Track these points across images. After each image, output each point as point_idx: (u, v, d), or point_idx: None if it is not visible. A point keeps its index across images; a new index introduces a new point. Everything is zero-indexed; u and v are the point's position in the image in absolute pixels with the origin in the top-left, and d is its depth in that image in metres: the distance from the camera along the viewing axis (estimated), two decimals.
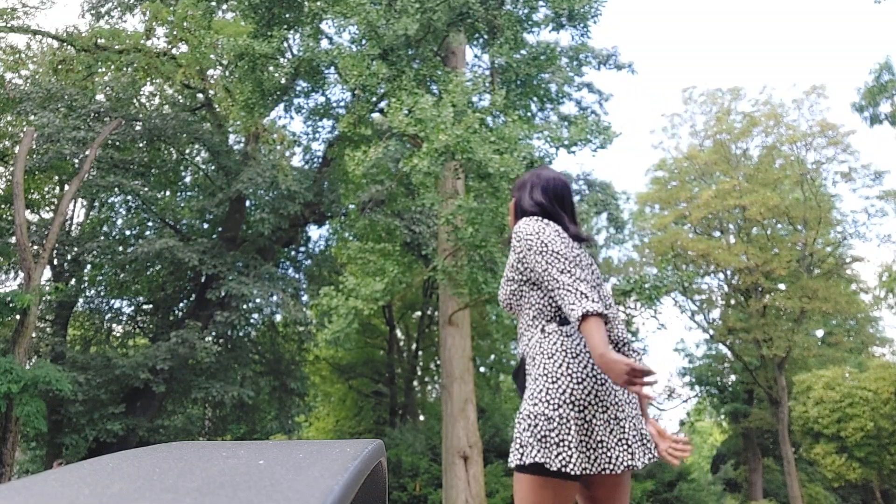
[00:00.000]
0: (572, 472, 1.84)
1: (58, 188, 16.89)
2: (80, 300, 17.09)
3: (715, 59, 70.80)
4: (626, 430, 1.93)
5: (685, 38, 77.56)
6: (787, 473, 19.42)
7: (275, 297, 15.45)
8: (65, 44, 15.47)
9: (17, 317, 12.26)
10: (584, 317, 1.87)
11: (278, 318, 18.05)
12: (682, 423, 27.48)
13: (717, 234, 22.42)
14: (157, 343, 14.74)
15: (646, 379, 1.76)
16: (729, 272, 21.56)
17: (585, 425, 1.92)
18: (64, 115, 14.79)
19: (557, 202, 2.25)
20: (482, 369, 24.90)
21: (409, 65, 12.27)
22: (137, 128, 15.90)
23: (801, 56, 71.61)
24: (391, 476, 15.52)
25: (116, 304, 18.09)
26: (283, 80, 14.10)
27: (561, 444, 1.87)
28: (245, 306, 15.70)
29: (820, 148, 20.99)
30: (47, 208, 16.91)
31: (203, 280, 16.31)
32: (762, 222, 20.60)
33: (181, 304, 18.13)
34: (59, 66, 15.23)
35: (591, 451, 1.91)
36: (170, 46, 14.83)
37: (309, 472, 0.73)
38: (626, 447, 1.91)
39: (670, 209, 21.84)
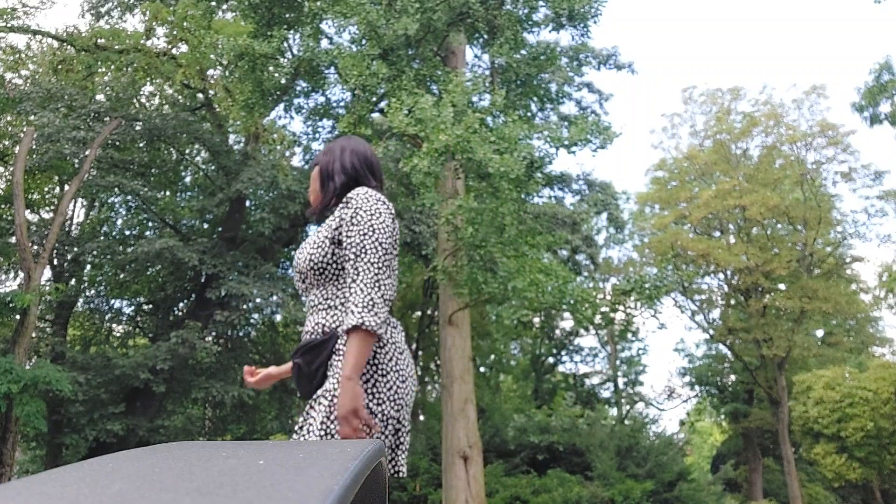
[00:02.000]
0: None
1: (58, 188, 16.89)
2: (80, 300, 17.09)
3: (715, 59, 70.81)
4: (407, 435, 1.92)
5: (685, 39, 77.59)
6: (787, 473, 19.43)
7: (275, 297, 15.44)
8: (65, 44, 15.47)
9: (17, 317, 12.27)
10: (358, 328, 1.78)
11: (278, 317, 18.06)
12: (682, 423, 27.51)
13: (717, 234, 22.42)
14: (157, 343, 14.74)
15: (363, 431, 1.73)
16: (729, 272, 21.56)
17: (397, 426, 1.86)
18: (64, 115, 14.79)
19: (368, 168, 2.17)
20: (482, 369, 24.92)
21: (409, 65, 12.28)
22: (137, 128, 15.90)
23: (801, 56, 71.62)
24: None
25: (116, 304, 18.10)
26: (283, 80, 14.10)
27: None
28: (245, 306, 15.70)
29: (820, 148, 21.00)
30: (47, 208, 16.91)
31: (203, 280, 16.32)
32: (762, 222, 20.60)
33: (181, 304, 18.13)
34: (59, 66, 15.23)
35: (395, 452, 1.88)
36: (170, 46, 14.83)
37: (309, 472, 0.73)
38: (403, 453, 1.90)
39: (670, 209, 21.84)
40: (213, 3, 15.37)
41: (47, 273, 15.39)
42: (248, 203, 16.99)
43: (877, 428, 16.79)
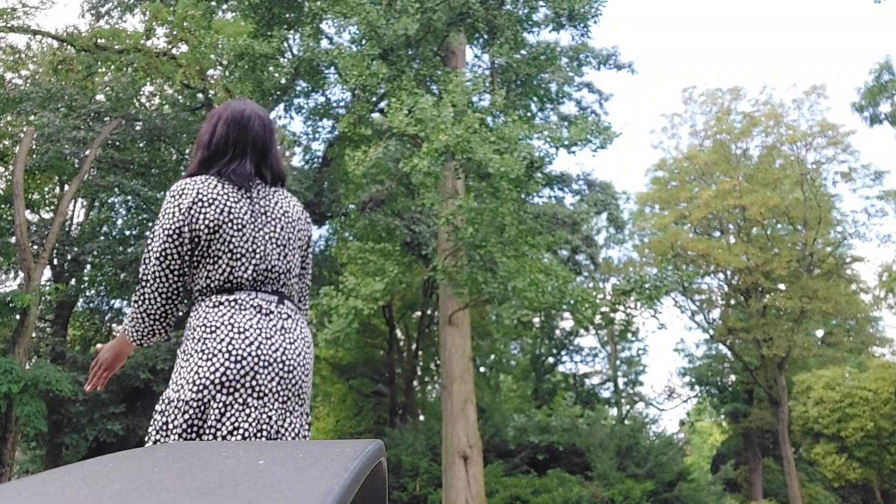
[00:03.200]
0: None
1: (58, 188, 16.89)
2: (80, 300, 17.09)
3: (715, 59, 70.83)
4: (250, 421, 1.74)
5: (685, 39, 77.59)
6: (787, 473, 19.43)
7: None
8: (65, 44, 15.46)
9: (17, 317, 12.26)
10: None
11: None
12: (682, 423, 27.50)
13: (717, 234, 22.42)
14: (157, 343, 14.75)
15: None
16: (729, 272, 21.55)
17: (204, 405, 1.73)
18: (64, 115, 14.79)
19: (234, 141, 1.97)
20: (482, 369, 24.93)
21: (409, 65, 12.28)
22: (137, 128, 15.90)
23: (801, 56, 71.62)
24: (391, 476, 15.51)
25: (116, 304, 18.10)
26: (283, 80, 14.10)
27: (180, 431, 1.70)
28: None
29: (820, 148, 20.99)
30: (47, 208, 16.91)
31: None
32: (762, 222, 20.59)
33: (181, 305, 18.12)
34: (59, 66, 15.22)
35: (203, 430, 1.73)
36: (170, 46, 14.83)
37: (309, 472, 0.73)
38: (222, 430, 1.73)
39: (670, 209, 21.83)
40: (213, 3, 15.37)
41: (47, 273, 15.39)
42: None
43: (877, 428, 16.79)
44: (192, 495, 0.61)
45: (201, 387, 1.73)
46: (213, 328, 1.81)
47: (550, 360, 26.17)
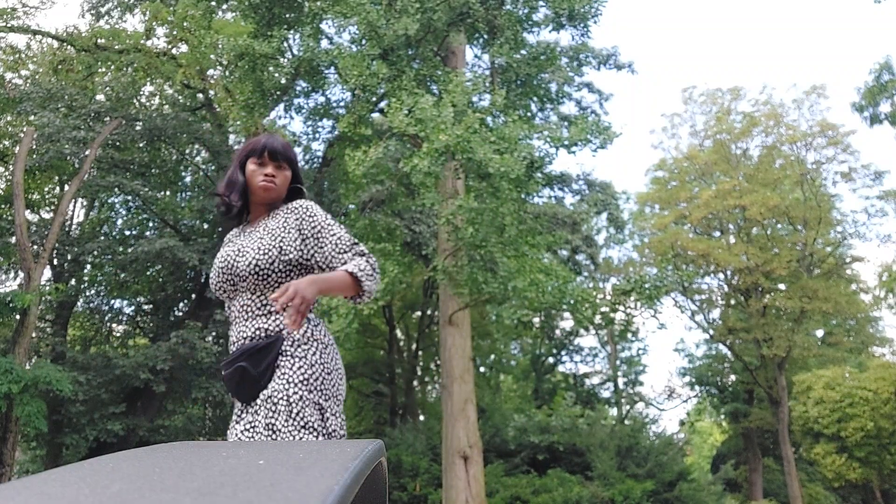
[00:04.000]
0: None
1: (58, 188, 16.89)
2: (80, 300, 17.08)
3: (715, 59, 70.82)
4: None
5: (685, 39, 77.58)
6: (787, 473, 19.42)
7: None
8: (65, 44, 15.46)
9: (17, 317, 12.26)
10: (353, 274, 1.98)
11: None
12: (682, 423, 27.51)
13: (717, 234, 22.42)
14: (157, 343, 14.73)
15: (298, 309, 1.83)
16: (729, 272, 21.55)
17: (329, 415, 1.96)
18: (64, 115, 14.78)
19: None
20: (482, 369, 24.93)
21: (409, 65, 12.27)
22: (137, 128, 15.89)
23: (801, 56, 71.62)
24: (391, 476, 15.51)
25: (116, 304, 18.09)
26: (283, 80, 14.09)
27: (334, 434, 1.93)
28: None
29: (820, 148, 20.99)
30: (47, 208, 16.90)
31: (203, 280, 16.31)
32: (762, 222, 20.59)
33: (181, 304, 18.13)
34: (59, 66, 15.22)
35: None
36: (170, 46, 14.83)
37: (309, 472, 0.73)
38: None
39: (670, 209, 21.83)
40: (213, 3, 15.37)
41: (47, 273, 15.39)
42: None
43: (877, 428, 16.79)
44: (192, 495, 0.61)
45: (339, 401, 2.01)
46: (335, 348, 2.10)
47: (550, 360, 26.18)
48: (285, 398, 1.88)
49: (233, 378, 1.98)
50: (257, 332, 2.00)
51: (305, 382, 1.91)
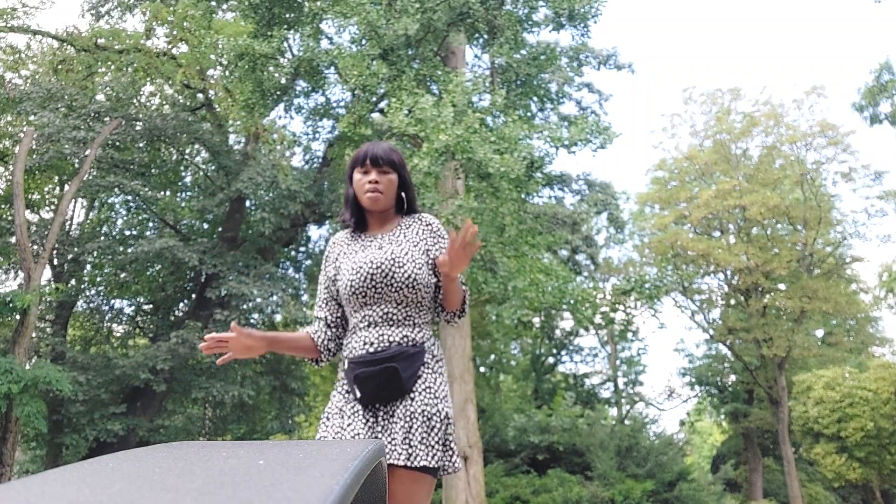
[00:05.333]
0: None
1: (58, 188, 16.89)
2: (80, 300, 17.08)
3: (715, 60, 70.84)
4: None
5: (685, 39, 77.58)
6: (787, 473, 19.42)
7: (275, 297, 15.44)
8: (65, 44, 15.47)
9: (17, 317, 12.26)
10: (465, 294, 2.13)
11: (278, 317, 18.03)
12: (682, 423, 27.51)
13: (717, 234, 22.41)
14: (157, 343, 14.74)
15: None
16: (729, 272, 21.55)
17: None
18: (64, 115, 14.78)
19: None
20: (482, 369, 24.90)
21: (409, 65, 12.27)
22: (137, 128, 15.89)
23: (801, 56, 71.63)
24: None
25: (116, 304, 18.09)
26: (283, 80, 14.10)
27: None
28: (245, 306, 15.70)
29: (820, 148, 20.98)
30: (47, 208, 16.90)
31: (203, 280, 16.32)
32: (762, 222, 20.59)
33: (181, 304, 18.13)
34: (59, 66, 15.22)
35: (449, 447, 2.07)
36: (170, 46, 14.83)
37: (309, 472, 0.73)
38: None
39: (670, 209, 21.82)
40: (213, 3, 15.37)
41: (47, 273, 15.39)
42: (248, 203, 16.99)
43: (877, 428, 16.79)
44: (192, 495, 0.61)
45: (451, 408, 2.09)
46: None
47: (550, 360, 26.17)
48: (439, 414, 1.96)
49: (377, 377, 1.95)
50: (404, 339, 2.02)
51: (446, 399, 2.01)
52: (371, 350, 2.00)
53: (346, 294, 2.07)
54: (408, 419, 1.91)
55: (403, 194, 2.23)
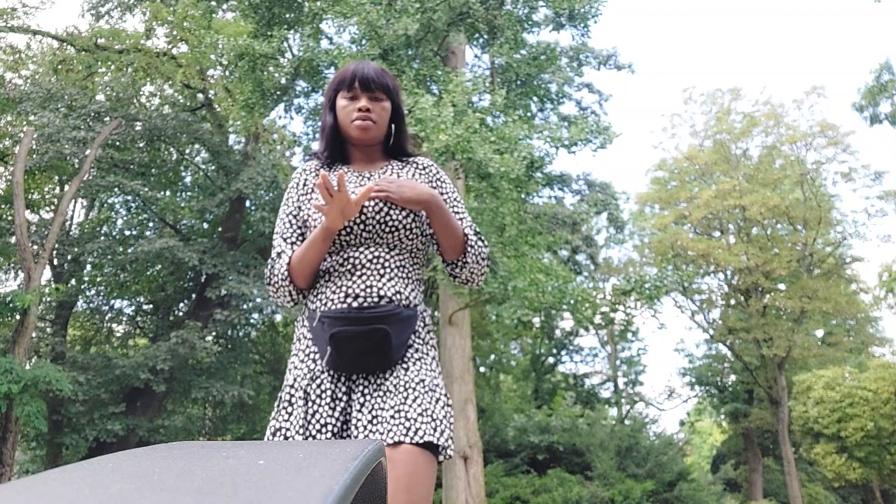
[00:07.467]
0: None
1: (58, 188, 16.89)
2: (80, 300, 17.09)
3: (715, 59, 70.86)
4: None
5: (685, 39, 77.59)
6: (787, 473, 19.43)
7: None
8: (65, 44, 15.48)
9: (17, 317, 12.26)
10: (469, 237, 1.76)
11: (278, 317, 18.05)
12: (682, 423, 27.52)
13: (717, 234, 22.42)
14: (157, 343, 14.74)
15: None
16: (729, 272, 21.56)
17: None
18: (64, 115, 14.79)
19: None
20: (482, 369, 24.91)
21: (409, 65, 12.27)
22: (137, 128, 15.89)
23: (801, 56, 71.63)
24: None
25: (116, 304, 18.10)
26: (283, 80, 14.09)
27: None
28: (245, 306, 15.70)
29: (820, 148, 21.00)
30: (47, 208, 16.91)
31: (203, 280, 16.33)
32: (762, 222, 20.59)
33: (181, 304, 18.14)
34: (59, 66, 15.23)
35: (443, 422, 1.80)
36: (170, 46, 14.85)
37: (309, 472, 0.73)
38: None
39: (670, 209, 21.83)
40: (213, 3, 15.37)
41: (47, 273, 15.39)
42: (248, 203, 16.99)
43: (877, 428, 16.79)
44: (192, 495, 0.61)
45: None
46: None
47: (550, 360, 26.17)
48: (441, 388, 1.66)
49: (363, 339, 1.60)
50: (398, 297, 1.66)
51: (441, 378, 1.70)
52: (355, 305, 1.64)
53: None
54: (402, 389, 1.59)
55: (394, 127, 1.87)
